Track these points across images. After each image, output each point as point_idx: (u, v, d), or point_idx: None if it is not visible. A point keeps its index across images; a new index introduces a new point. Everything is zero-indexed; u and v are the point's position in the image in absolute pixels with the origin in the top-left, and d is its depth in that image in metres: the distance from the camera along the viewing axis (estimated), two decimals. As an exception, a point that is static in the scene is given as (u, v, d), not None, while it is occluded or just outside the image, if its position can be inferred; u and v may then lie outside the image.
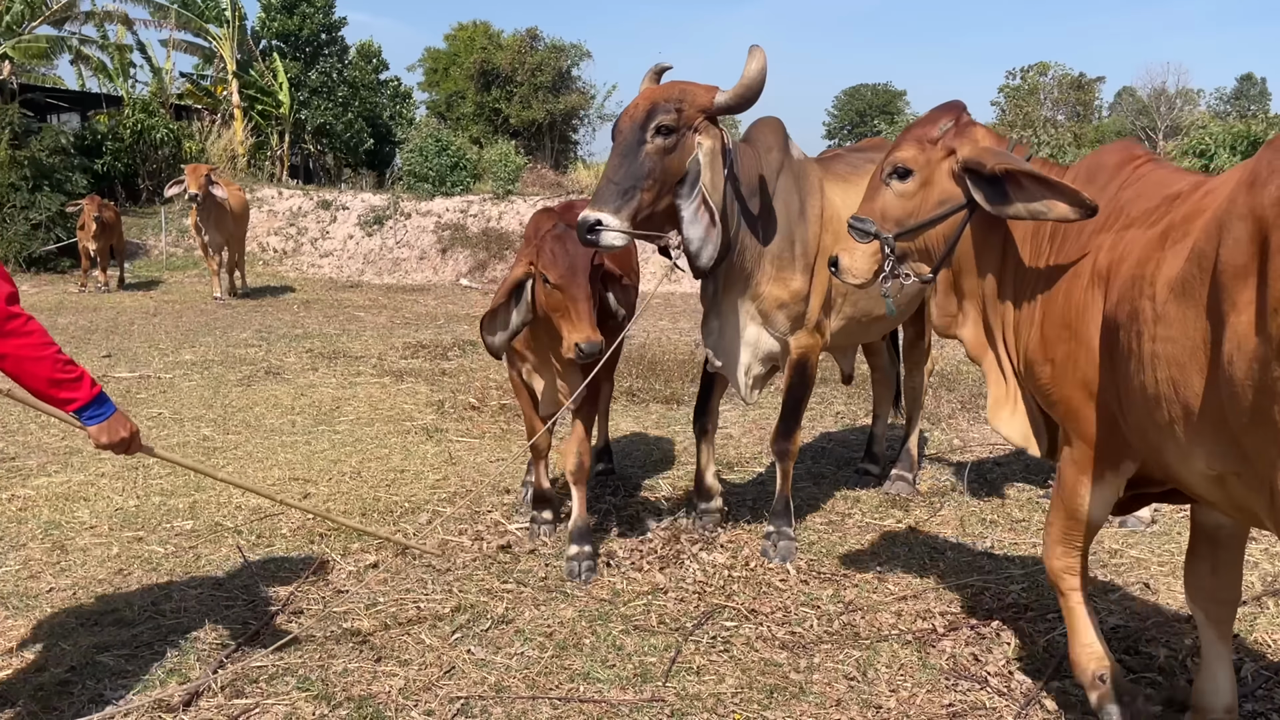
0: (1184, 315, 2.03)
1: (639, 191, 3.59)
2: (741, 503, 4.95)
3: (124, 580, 3.99)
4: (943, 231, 2.80)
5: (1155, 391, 2.14)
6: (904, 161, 2.82)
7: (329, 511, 4.44)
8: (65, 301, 14.15)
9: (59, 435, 6.37)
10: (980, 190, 2.65)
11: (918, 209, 2.81)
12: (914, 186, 2.81)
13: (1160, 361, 2.11)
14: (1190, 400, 2.05)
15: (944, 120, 2.81)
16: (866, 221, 2.89)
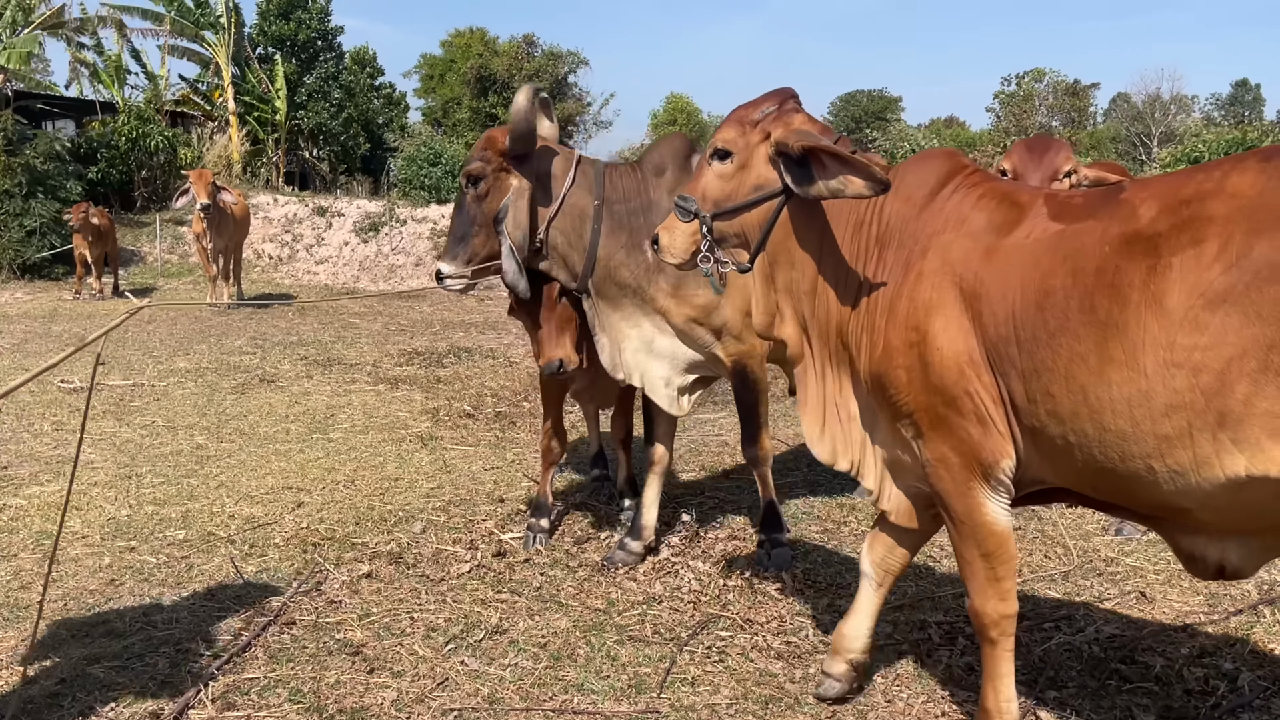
0: (1227, 324, 2.02)
1: (470, 239, 3.95)
2: (737, 510, 4.94)
3: (115, 591, 3.96)
4: (758, 218, 2.77)
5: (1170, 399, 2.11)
6: (724, 143, 2.79)
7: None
8: (59, 309, 14.12)
9: (51, 445, 6.34)
10: (789, 172, 2.64)
11: (735, 191, 2.77)
12: (732, 168, 2.78)
13: (1184, 370, 2.08)
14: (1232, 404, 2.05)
15: (767, 104, 2.79)
16: (689, 200, 2.83)
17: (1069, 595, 3.84)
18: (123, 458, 6.03)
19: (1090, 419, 2.21)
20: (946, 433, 2.49)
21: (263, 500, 5.21)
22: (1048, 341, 2.26)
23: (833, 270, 2.74)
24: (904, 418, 2.59)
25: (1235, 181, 2.10)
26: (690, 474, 5.67)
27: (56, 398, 7.79)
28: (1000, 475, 2.47)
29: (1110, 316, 2.16)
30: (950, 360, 2.44)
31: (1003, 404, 2.41)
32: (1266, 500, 2.08)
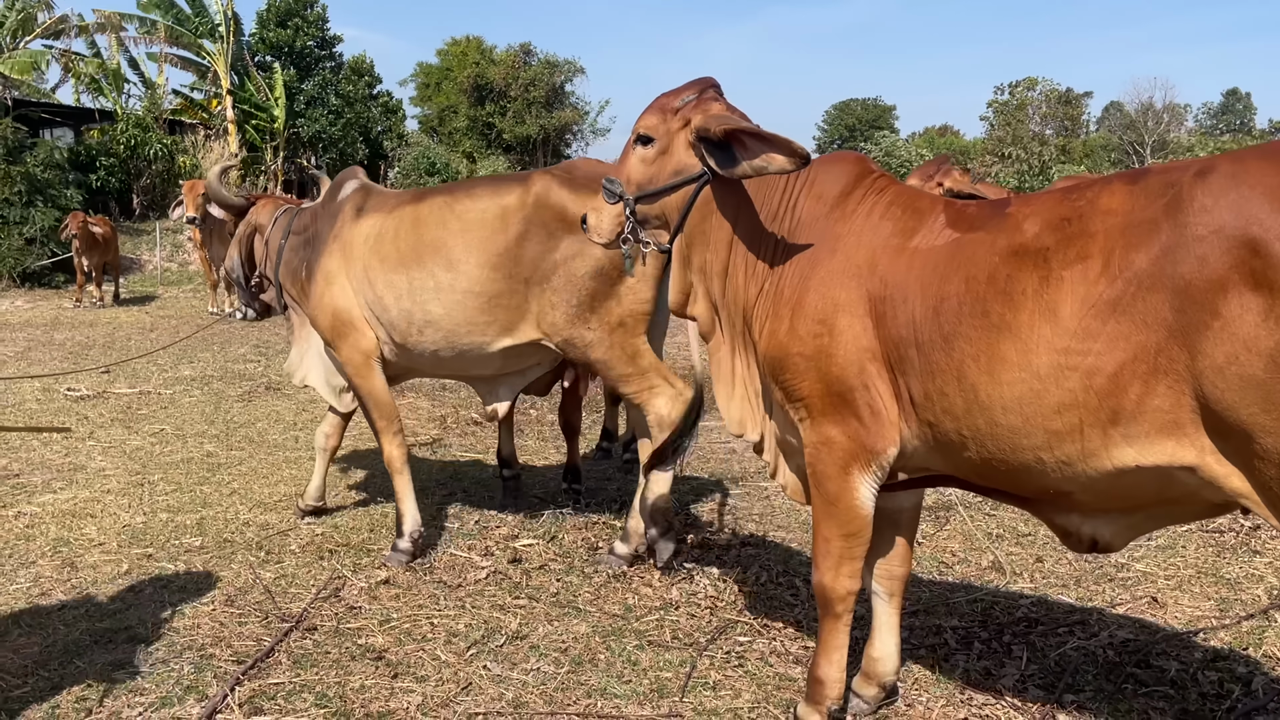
0: (1118, 331, 2.17)
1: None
2: (748, 516, 4.98)
3: (136, 597, 3.99)
4: (677, 201, 2.90)
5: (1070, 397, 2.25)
6: (646, 129, 2.92)
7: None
8: (61, 317, 14.13)
9: (62, 452, 6.36)
10: (712, 156, 2.76)
11: (656, 175, 2.90)
12: (653, 153, 2.90)
13: (1078, 373, 2.22)
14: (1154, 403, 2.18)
15: (687, 93, 2.91)
16: (615, 183, 2.97)
17: (1082, 600, 3.88)
18: (134, 465, 6.05)
19: (982, 415, 2.37)
20: (836, 419, 2.65)
21: (275, 508, 5.23)
22: (943, 344, 2.42)
23: (744, 256, 2.88)
24: (795, 401, 2.73)
25: (1106, 201, 2.28)
26: (699, 479, 5.71)
27: (64, 405, 7.81)
28: (883, 463, 2.64)
29: (1003, 321, 2.31)
30: (853, 355, 2.59)
31: (897, 399, 2.58)
32: (1144, 485, 2.28)
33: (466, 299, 4.14)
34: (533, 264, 4.08)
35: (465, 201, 4.25)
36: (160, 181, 23.12)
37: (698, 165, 2.84)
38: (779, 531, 4.74)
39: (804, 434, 2.75)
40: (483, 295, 4.13)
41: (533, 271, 4.09)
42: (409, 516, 4.39)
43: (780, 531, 4.74)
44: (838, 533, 2.74)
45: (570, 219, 3.99)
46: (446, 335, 4.23)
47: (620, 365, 4.14)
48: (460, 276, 4.14)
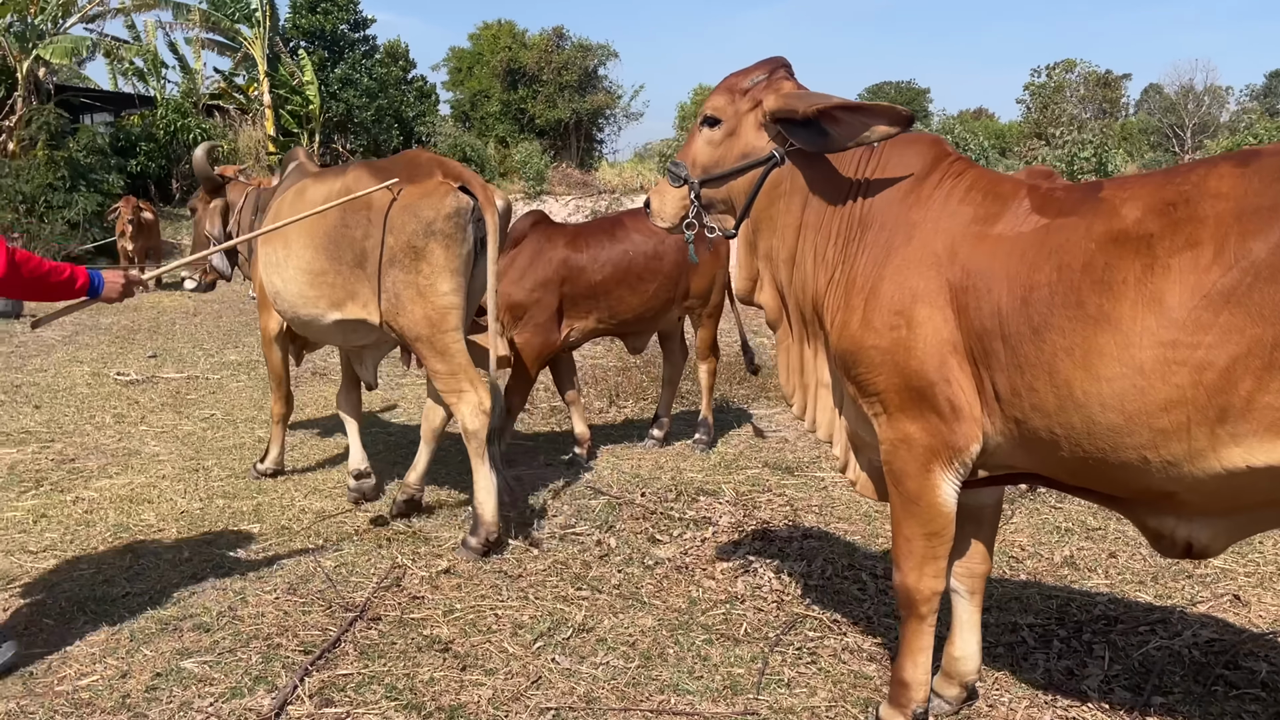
0: (1231, 323, 2.08)
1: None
2: (808, 508, 4.90)
3: (198, 585, 3.98)
4: (744, 185, 2.83)
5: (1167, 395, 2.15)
6: (713, 110, 2.85)
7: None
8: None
9: (115, 437, 6.39)
10: (797, 135, 2.68)
11: (723, 158, 2.84)
12: (720, 135, 2.84)
13: (1187, 368, 2.12)
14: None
15: (757, 73, 2.83)
16: (680, 165, 2.91)
17: (1160, 598, 3.77)
18: (187, 450, 6.07)
19: (1077, 412, 2.26)
20: (914, 415, 2.55)
21: (330, 494, 5.22)
22: (1032, 337, 2.31)
23: (812, 242, 2.80)
24: (870, 396, 2.64)
25: (1215, 184, 2.17)
26: (753, 469, 5.63)
27: (114, 390, 7.86)
28: (965, 460, 2.54)
29: (1101, 312, 2.21)
30: (933, 348, 2.49)
31: (980, 393, 2.47)
32: (1252, 486, 2.17)
33: (298, 275, 4.49)
34: (352, 249, 4.30)
35: (311, 189, 4.59)
36: (199, 166, 23.26)
37: (766, 147, 2.78)
38: (840, 524, 4.66)
39: (880, 430, 2.66)
40: (309, 273, 4.44)
41: (355, 256, 4.31)
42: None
43: (841, 524, 4.66)
44: (919, 532, 2.65)
45: (377, 207, 4.19)
46: (290, 306, 4.61)
47: (431, 360, 4.26)
48: (292, 255, 4.50)
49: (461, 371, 4.23)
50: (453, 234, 4.16)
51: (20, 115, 19.99)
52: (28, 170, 17.67)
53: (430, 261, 4.14)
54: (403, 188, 4.21)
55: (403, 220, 4.16)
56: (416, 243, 4.13)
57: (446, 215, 4.15)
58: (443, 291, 4.17)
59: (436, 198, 4.16)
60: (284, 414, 5.47)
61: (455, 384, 4.24)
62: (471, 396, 4.23)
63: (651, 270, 5.69)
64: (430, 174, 4.26)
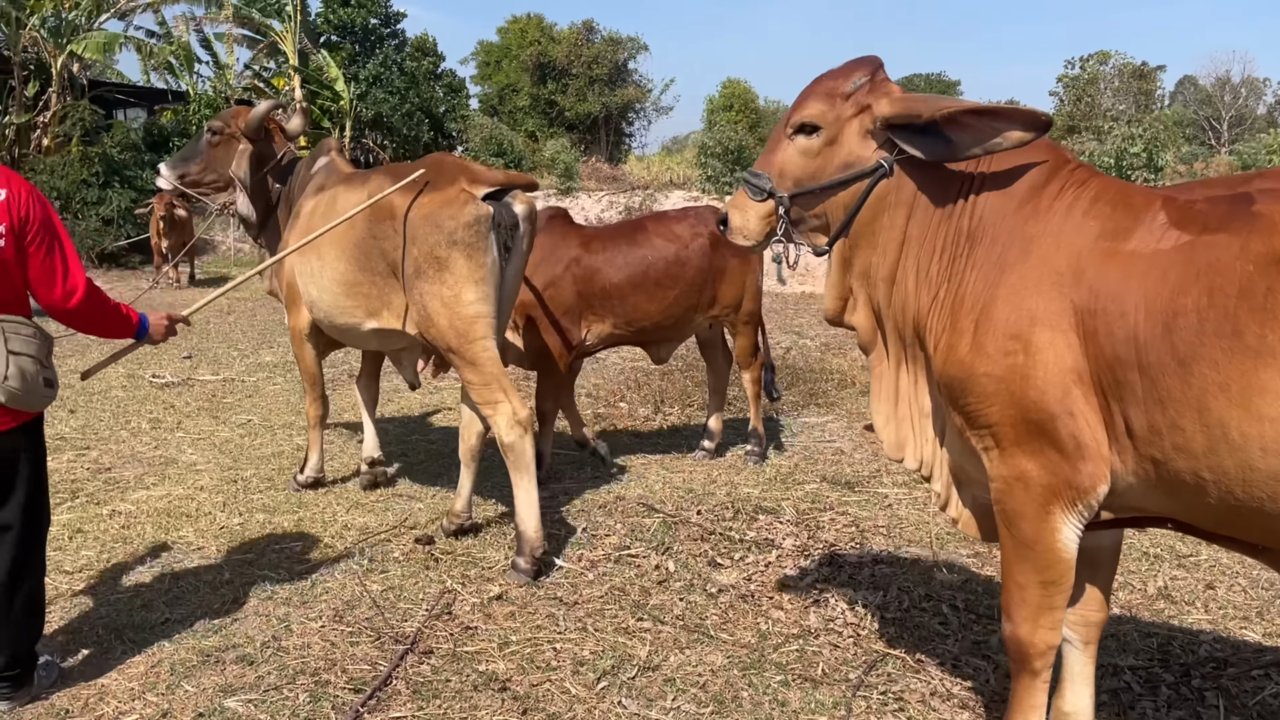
0: None
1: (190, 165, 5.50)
2: (874, 529, 4.64)
3: (240, 610, 3.79)
4: (846, 198, 2.57)
5: None
6: (811, 117, 2.56)
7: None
8: (138, 299, 14.20)
9: (151, 444, 6.24)
10: (917, 144, 2.43)
11: (821, 169, 2.57)
12: (819, 144, 2.56)
13: None
14: None
15: (858, 75, 2.55)
16: (762, 177, 2.64)
17: (1270, 636, 3.50)
18: (225, 459, 5.91)
19: (1231, 456, 2.01)
20: (1032, 451, 2.30)
21: (373, 508, 5.03)
22: (1177, 369, 2.06)
23: (914, 257, 2.54)
24: (981, 428, 2.38)
25: None
26: (811, 484, 5.38)
27: (150, 394, 7.73)
28: (1091, 502, 2.28)
29: (1264, 344, 1.95)
30: (1054, 377, 2.23)
31: (1108, 428, 2.22)
32: None
33: (333, 286, 4.39)
34: (383, 259, 4.18)
35: (342, 198, 4.42)
36: (231, 162, 23.24)
37: (873, 156, 2.51)
38: (912, 547, 4.40)
39: (991, 466, 2.41)
40: (344, 283, 4.35)
41: (387, 266, 4.18)
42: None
43: (912, 548, 4.40)
44: (1035, 579, 2.40)
45: (400, 217, 4.05)
46: (327, 315, 4.54)
47: (464, 370, 4.09)
48: (326, 266, 4.39)
49: (495, 381, 4.05)
50: (474, 243, 3.99)
51: (55, 111, 20.04)
52: (62, 167, 17.68)
53: (453, 271, 3.98)
54: (422, 195, 4.04)
55: (424, 230, 4.02)
56: (439, 252, 3.98)
57: (466, 224, 3.98)
58: (468, 301, 4.00)
59: (456, 206, 3.99)
60: (320, 416, 5.32)
61: (489, 395, 4.06)
62: (506, 407, 4.04)
63: (671, 277, 5.47)
64: (453, 180, 4.08)
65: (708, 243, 5.55)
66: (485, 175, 4.11)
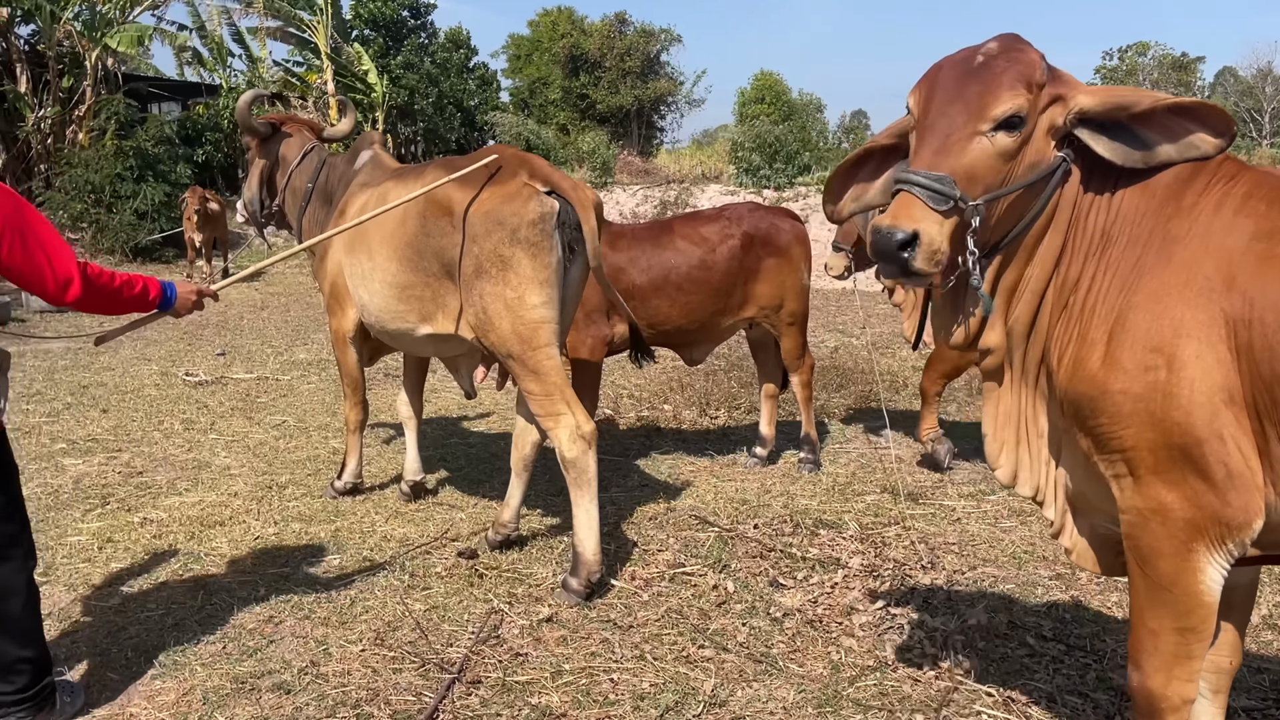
0: None
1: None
2: (945, 547, 4.36)
3: (276, 630, 3.58)
4: (1019, 205, 2.16)
5: None
6: (1017, 108, 2.07)
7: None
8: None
9: (184, 446, 6.07)
10: (1114, 143, 2.11)
11: (1011, 172, 2.12)
12: (1017, 142, 2.10)
13: None
14: None
15: (1038, 58, 2.13)
16: (946, 180, 2.04)
17: (1396, 677, 3.18)
18: (259, 464, 5.72)
19: None
20: (1173, 480, 2.02)
21: (413, 518, 4.81)
22: None
23: (1042, 263, 2.21)
24: (1113, 453, 2.09)
25: None
26: (872, 496, 5.10)
27: (183, 392, 7.57)
28: (1242, 539, 2.01)
29: None
30: (1203, 396, 1.96)
31: (1265, 456, 1.96)
32: None
33: (384, 289, 4.16)
34: (437, 258, 3.93)
35: (393, 193, 4.18)
36: (264, 156, 23.19)
37: (1053, 154, 2.16)
38: (986, 567, 4.12)
39: (1123, 496, 2.12)
40: (396, 286, 4.11)
41: (441, 266, 3.93)
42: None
43: (988, 567, 4.11)
44: (1171, 625, 2.11)
45: (458, 213, 3.81)
46: (378, 320, 4.30)
47: (525, 379, 3.82)
48: (377, 268, 4.15)
49: (557, 392, 3.77)
50: (539, 242, 3.71)
51: (89, 105, 20.05)
52: (97, 160, 17.66)
53: (518, 272, 3.71)
54: (484, 189, 3.78)
55: (485, 227, 3.74)
56: (503, 251, 3.71)
57: (531, 221, 3.71)
58: (532, 305, 3.73)
59: (520, 202, 3.73)
60: (360, 421, 5.10)
61: (551, 406, 3.77)
62: (569, 420, 3.76)
63: (694, 282, 5.25)
64: (514, 174, 3.82)
65: (739, 244, 5.32)
66: (546, 171, 3.85)
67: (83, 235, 17.17)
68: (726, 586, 3.93)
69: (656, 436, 6.34)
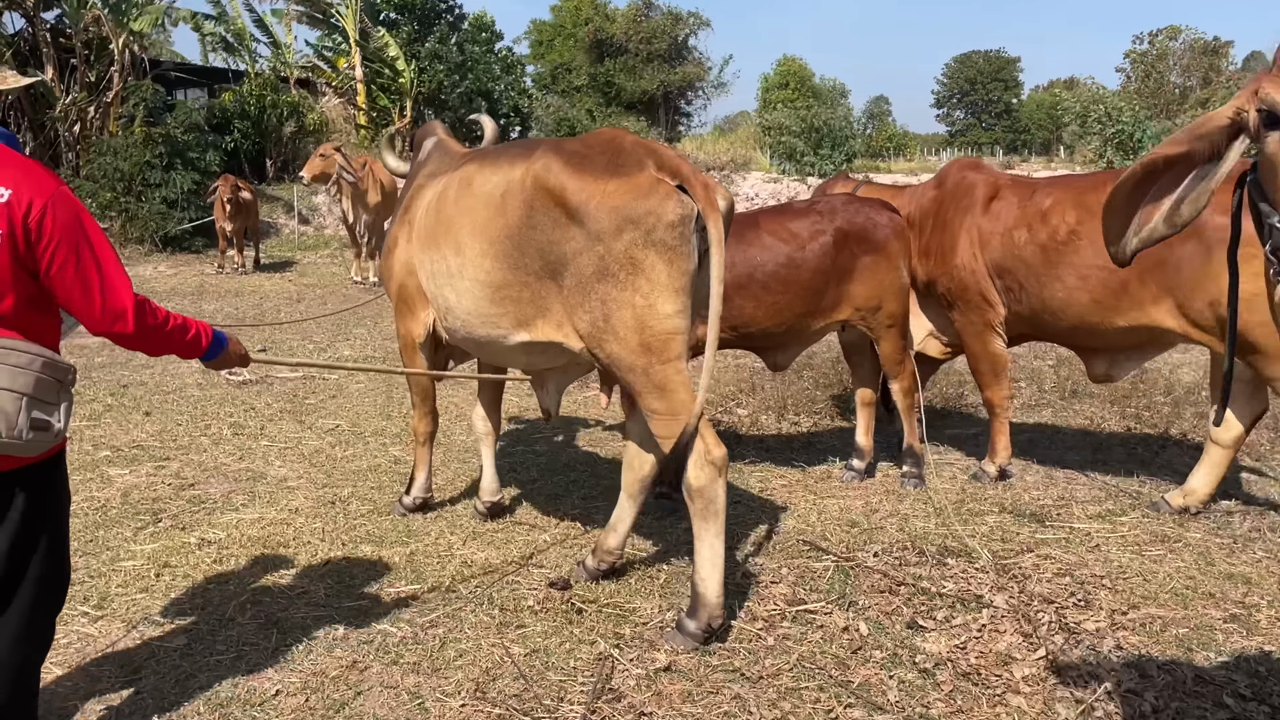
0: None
1: None
2: (1094, 581, 3.89)
3: (362, 679, 3.17)
4: None
5: None
6: None
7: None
8: (205, 284, 13.81)
9: (235, 454, 5.68)
10: None
11: None
12: None
13: None
14: None
15: None
16: None
17: None
18: (318, 474, 5.32)
19: None
20: None
21: (492, 540, 4.40)
22: None
23: None
24: None
25: None
26: (992, 516, 4.65)
27: (228, 393, 7.19)
28: None
29: None
30: None
31: None
32: None
33: (475, 288, 3.72)
34: (540, 256, 3.46)
35: (480, 178, 3.76)
36: (291, 142, 22.86)
37: None
38: (1148, 605, 3.66)
39: None
40: (490, 286, 3.65)
41: (545, 265, 3.46)
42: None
43: (1150, 606, 3.66)
44: None
45: (574, 204, 3.31)
46: (464, 325, 3.88)
47: (647, 397, 3.36)
48: (468, 264, 3.71)
49: (685, 411, 3.31)
50: (677, 245, 3.26)
51: (116, 91, 19.73)
52: (125, 148, 17.33)
53: (650, 278, 3.25)
54: (610, 180, 3.31)
55: (613, 224, 3.26)
56: (635, 254, 3.24)
57: (670, 223, 3.24)
58: (665, 314, 3.27)
59: (656, 199, 3.25)
60: (429, 433, 4.69)
61: (677, 427, 3.32)
62: (696, 443, 3.32)
63: (781, 280, 4.84)
64: (641, 166, 3.34)
65: (831, 240, 4.88)
66: (675, 163, 3.39)
67: (112, 224, 16.87)
68: (859, 629, 3.50)
69: (737, 444, 5.90)
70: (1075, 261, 4.56)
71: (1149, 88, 50.28)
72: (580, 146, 3.51)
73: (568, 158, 3.43)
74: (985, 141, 71.19)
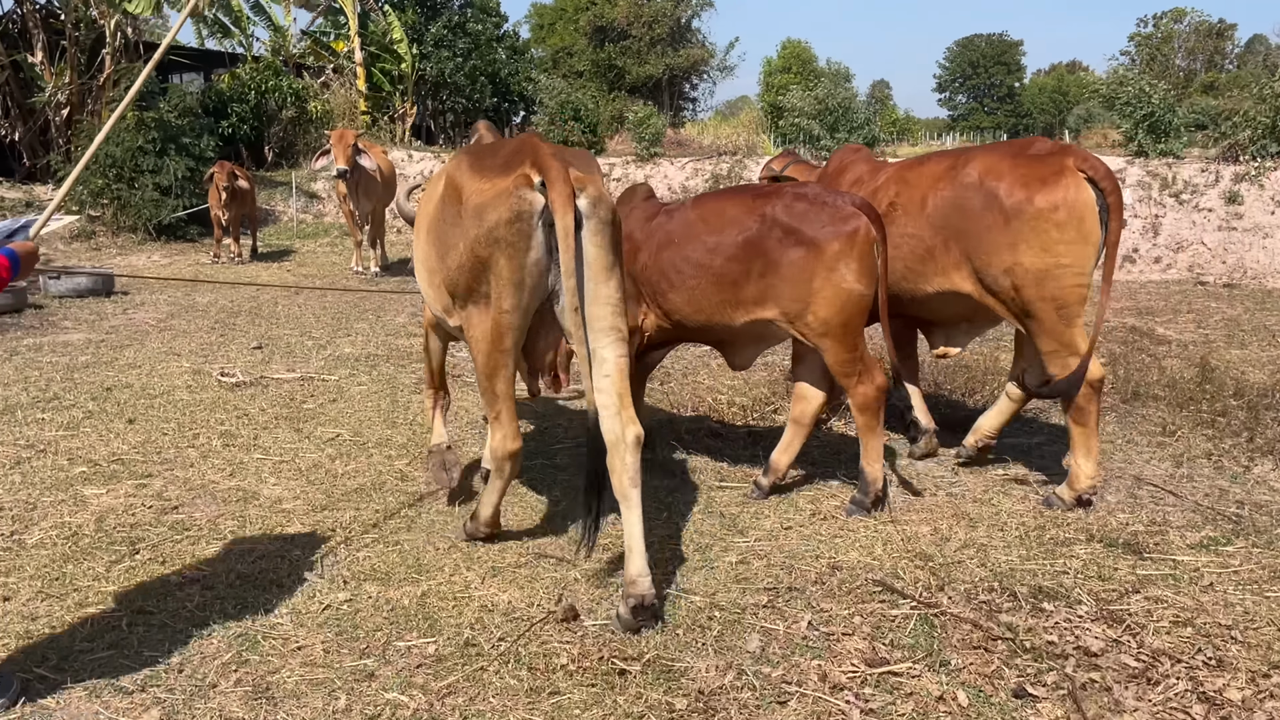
0: None
1: None
2: (1219, 630, 3.35)
3: (369, 768, 2.63)
4: None
5: None
6: None
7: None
8: (200, 275, 13.23)
9: (225, 469, 5.13)
10: None
11: None
12: None
13: None
14: None
15: None
16: None
17: None
18: (316, 494, 4.77)
19: None
20: None
21: (515, 578, 3.85)
22: None
23: None
24: None
25: None
26: (1080, 546, 4.09)
27: (219, 397, 6.63)
28: None
29: None
30: None
31: None
32: None
33: (422, 272, 4.20)
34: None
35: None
36: (290, 128, 22.22)
37: None
38: (1292, 666, 3.12)
39: None
40: (431, 270, 4.03)
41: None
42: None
43: (1295, 666, 3.11)
44: None
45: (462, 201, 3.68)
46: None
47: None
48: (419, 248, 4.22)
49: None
50: (515, 241, 3.59)
51: (108, 75, 19.10)
52: (117, 133, 16.70)
53: (495, 273, 3.60)
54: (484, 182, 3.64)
55: (473, 221, 3.64)
56: (479, 251, 3.60)
57: (506, 220, 3.55)
58: (503, 309, 3.63)
59: (503, 197, 3.54)
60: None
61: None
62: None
63: (694, 265, 4.46)
64: (517, 167, 3.56)
65: (756, 228, 4.31)
66: (545, 161, 3.51)
67: (103, 212, 16.27)
68: (958, 698, 2.95)
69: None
70: (892, 231, 4.70)
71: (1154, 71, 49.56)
72: (488, 151, 3.86)
73: (472, 160, 3.77)
74: (988, 126, 70.44)
